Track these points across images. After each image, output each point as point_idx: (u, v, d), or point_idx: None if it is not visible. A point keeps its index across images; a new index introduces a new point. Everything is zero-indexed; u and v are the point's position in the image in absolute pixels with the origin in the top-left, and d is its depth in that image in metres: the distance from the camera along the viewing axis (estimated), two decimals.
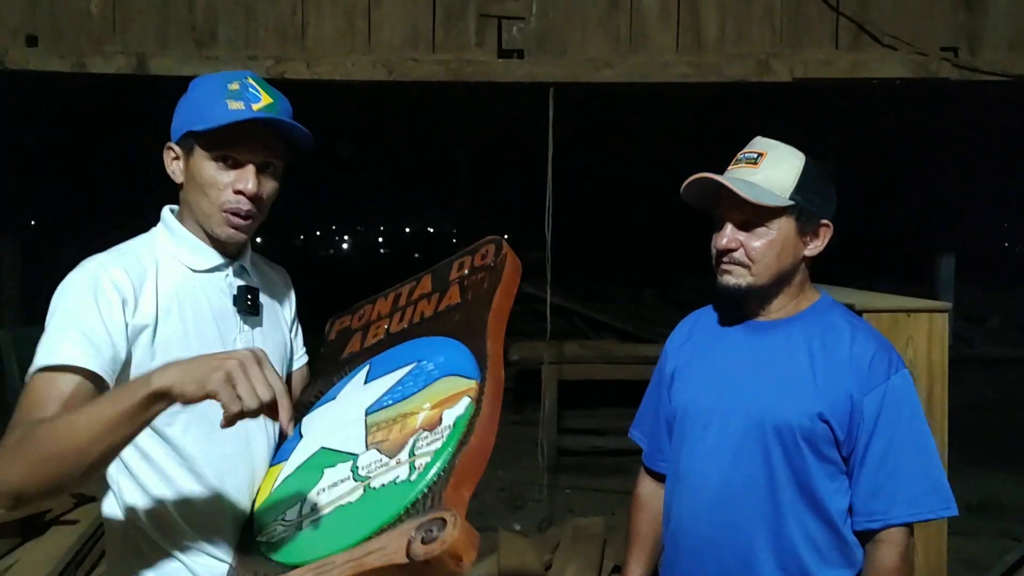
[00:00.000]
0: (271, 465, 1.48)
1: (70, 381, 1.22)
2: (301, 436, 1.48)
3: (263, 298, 1.56)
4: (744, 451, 1.56)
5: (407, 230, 32.16)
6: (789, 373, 1.56)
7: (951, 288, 6.97)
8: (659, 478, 1.82)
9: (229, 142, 1.40)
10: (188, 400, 1.06)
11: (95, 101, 5.51)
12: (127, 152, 8.19)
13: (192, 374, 1.06)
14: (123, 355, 1.31)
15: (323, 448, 1.40)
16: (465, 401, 1.26)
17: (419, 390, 1.36)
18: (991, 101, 4.36)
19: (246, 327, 1.50)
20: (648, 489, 1.85)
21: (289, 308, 1.68)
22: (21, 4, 4.05)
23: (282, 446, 1.51)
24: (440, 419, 1.26)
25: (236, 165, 1.42)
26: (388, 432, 1.31)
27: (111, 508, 1.41)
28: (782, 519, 1.54)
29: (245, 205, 1.43)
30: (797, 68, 3.92)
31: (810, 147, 1.61)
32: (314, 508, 1.27)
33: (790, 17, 3.99)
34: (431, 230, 32.06)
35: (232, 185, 1.42)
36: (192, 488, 1.40)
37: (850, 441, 1.53)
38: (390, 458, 1.25)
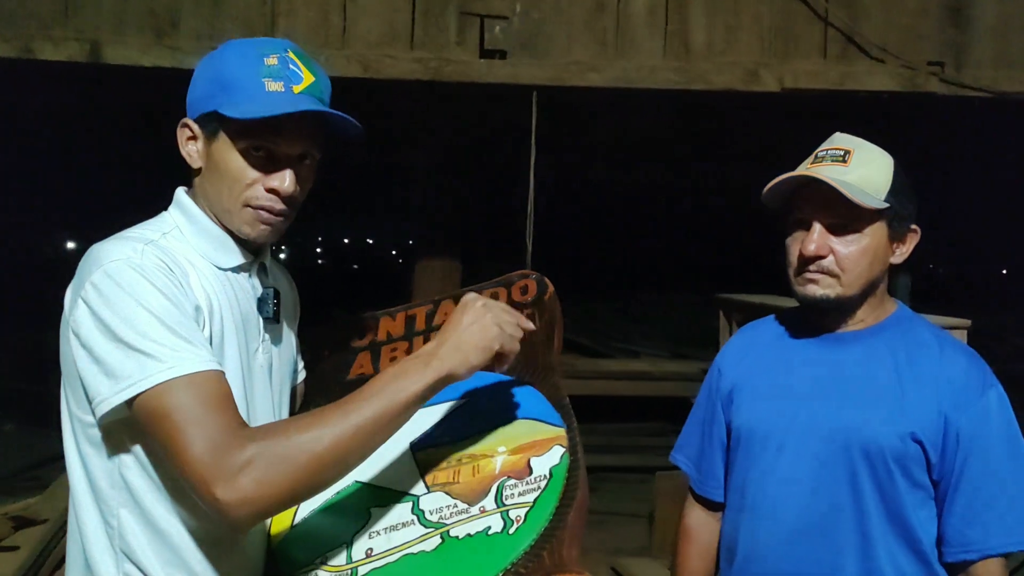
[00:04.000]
0: None
1: (214, 382, 1.08)
2: None
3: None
4: (827, 476, 1.41)
5: (345, 241, 31.63)
6: (874, 389, 1.42)
7: None
8: (709, 505, 1.66)
9: (265, 132, 1.17)
10: (474, 372, 1.14)
11: (44, 90, 5.15)
12: (79, 146, 7.78)
13: (470, 350, 1.12)
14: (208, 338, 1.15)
15: (359, 482, 1.23)
16: (558, 450, 1.19)
17: (487, 430, 1.25)
18: (976, 117, 4.37)
19: (267, 336, 1.30)
20: (698, 518, 1.68)
21: (296, 316, 1.48)
22: None
23: None
24: (528, 466, 1.19)
25: (270, 157, 1.20)
26: (455, 474, 1.21)
27: (99, 541, 1.17)
28: (872, 551, 1.39)
29: (278, 205, 1.21)
30: (786, 78, 3.85)
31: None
32: (369, 553, 1.13)
33: (779, 26, 3.93)
34: (370, 241, 31.55)
35: (264, 182, 1.20)
36: (198, 512, 1.16)
37: (943, 464, 1.39)
38: (469, 505, 1.16)
